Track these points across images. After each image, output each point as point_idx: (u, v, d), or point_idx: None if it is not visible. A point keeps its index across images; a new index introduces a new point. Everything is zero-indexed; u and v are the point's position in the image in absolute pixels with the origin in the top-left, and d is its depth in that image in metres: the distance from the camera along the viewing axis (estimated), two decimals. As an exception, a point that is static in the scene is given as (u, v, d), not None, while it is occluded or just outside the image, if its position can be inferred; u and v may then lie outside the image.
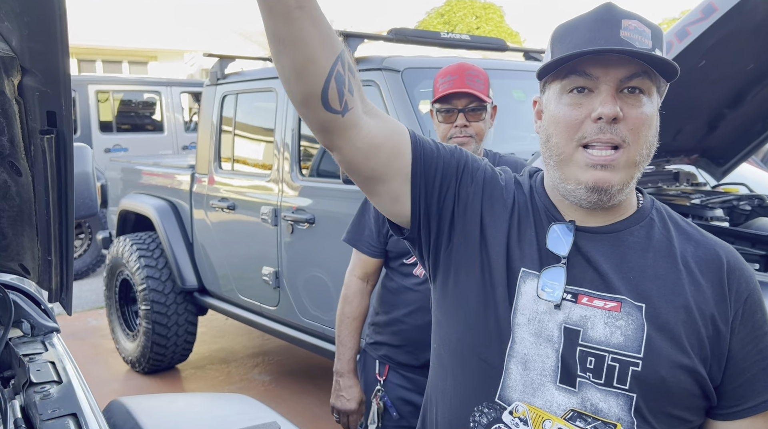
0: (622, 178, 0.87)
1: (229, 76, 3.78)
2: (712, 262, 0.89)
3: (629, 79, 0.84)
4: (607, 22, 0.84)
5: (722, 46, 2.11)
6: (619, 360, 0.86)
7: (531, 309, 0.91)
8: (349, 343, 1.83)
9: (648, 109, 0.86)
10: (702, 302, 0.87)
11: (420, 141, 0.95)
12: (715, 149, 3.02)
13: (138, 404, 1.22)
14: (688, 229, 0.94)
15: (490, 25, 18.90)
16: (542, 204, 0.96)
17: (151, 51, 17.21)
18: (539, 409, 0.88)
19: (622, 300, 0.87)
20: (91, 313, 5.36)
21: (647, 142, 0.87)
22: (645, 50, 0.82)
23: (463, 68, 1.71)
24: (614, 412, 0.86)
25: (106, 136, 7.01)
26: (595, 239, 0.91)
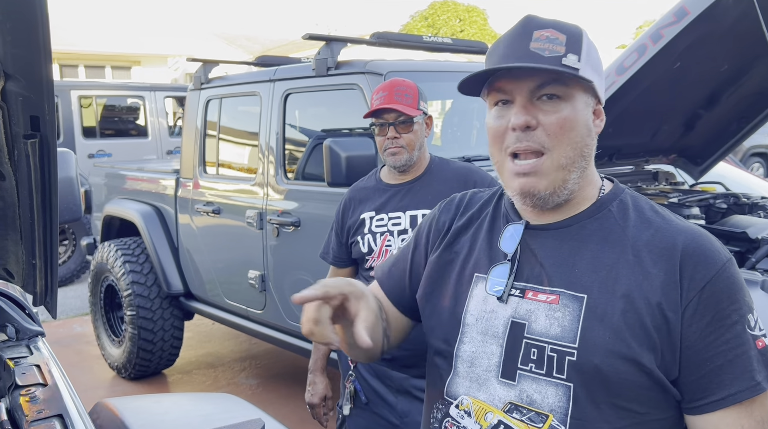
0: (550, 182, 0.90)
1: (212, 81, 3.78)
2: (665, 249, 0.87)
3: (539, 88, 0.88)
4: (520, 36, 0.89)
5: (696, 48, 2.17)
6: (557, 350, 0.88)
7: (480, 309, 0.96)
8: (319, 344, 1.97)
9: (567, 112, 0.88)
10: (648, 290, 0.86)
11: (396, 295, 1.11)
12: (693, 149, 3.08)
13: (124, 405, 1.23)
14: (651, 217, 0.92)
15: (474, 28, 19.03)
16: (504, 208, 1.02)
17: (135, 56, 17.10)
18: (482, 402, 0.93)
19: (560, 293, 0.90)
20: (76, 319, 5.32)
21: (572, 144, 0.89)
22: (553, 59, 0.86)
23: (392, 85, 1.87)
24: (548, 402, 0.88)
25: (89, 142, 6.96)
26: (544, 236, 0.95)
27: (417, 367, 1.78)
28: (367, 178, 2.01)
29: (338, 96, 3.04)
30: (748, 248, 2.06)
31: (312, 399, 2.03)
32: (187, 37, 18.81)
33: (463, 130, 3.51)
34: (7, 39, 0.76)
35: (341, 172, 2.47)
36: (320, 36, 3.06)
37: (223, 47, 19.53)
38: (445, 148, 3.37)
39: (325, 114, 3.46)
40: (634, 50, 2.01)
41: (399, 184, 1.90)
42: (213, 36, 20.73)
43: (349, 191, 2.01)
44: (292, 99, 3.25)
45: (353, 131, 3.15)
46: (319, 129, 3.42)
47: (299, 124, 3.52)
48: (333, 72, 2.96)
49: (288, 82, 3.23)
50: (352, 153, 2.48)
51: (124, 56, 16.95)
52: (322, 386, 2.03)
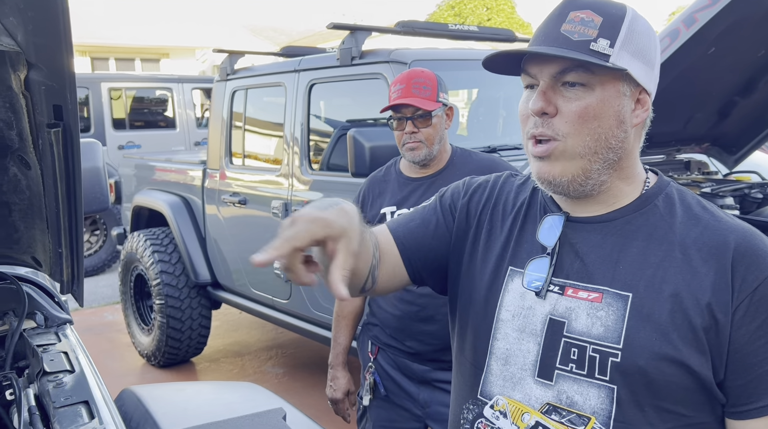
0: (564, 169, 0.87)
1: (238, 72, 3.80)
2: (716, 248, 0.83)
3: (562, 74, 0.85)
4: (556, 17, 0.86)
5: (731, 32, 2.09)
6: (599, 351, 0.85)
7: (516, 305, 0.92)
8: (339, 339, 2.00)
9: (590, 101, 0.84)
10: (698, 290, 0.82)
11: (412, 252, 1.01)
12: (727, 137, 2.98)
13: (148, 392, 1.25)
14: (700, 214, 0.88)
15: (501, 16, 18.75)
16: (542, 198, 0.98)
17: (163, 48, 17.33)
18: (518, 402, 0.89)
19: (604, 291, 0.86)
20: (107, 308, 5.44)
21: (593, 134, 0.85)
22: (582, 42, 0.82)
23: (410, 77, 1.80)
24: (590, 404, 0.84)
25: (119, 133, 7.08)
26: (587, 229, 0.90)
27: (440, 361, 1.77)
28: (385, 170, 1.96)
29: (363, 85, 3.02)
30: (785, 240, 1.99)
31: (335, 394, 2.00)
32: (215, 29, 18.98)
33: (489, 119, 3.46)
34: (29, 28, 0.77)
35: (365, 162, 2.46)
36: (344, 25, 3.05)
37: (249, 38, 19.66)
38: (471, 137, 3.33)
39: (350, 104, 3.45)
40: (666, 35, 1.94)
41: (420, 177, 1.85)
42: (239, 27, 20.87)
43: (367, 183, 1.97)
44: (317, 89, 3.25)
45: (377, 121, 3.13)
46: (344, 119, 3.41)
47: (324, 115, 3.52)
48: (357, 61, 2.95)
49: (312, 72, 3.23)
50: (375, 143, 2.46)
51: (153, 49, 17.19)
52: (344, 381, 2.00)
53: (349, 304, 2.00)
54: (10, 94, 0.86)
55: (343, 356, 2.01)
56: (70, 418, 0.98)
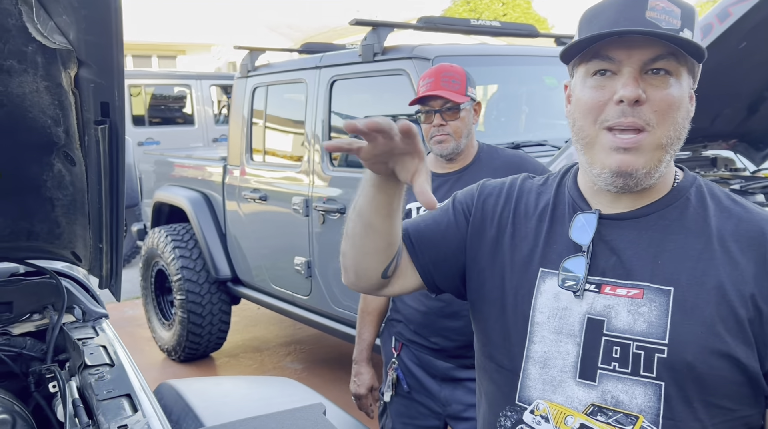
0: (648, 161, 0.85)
1: (259, 68, 3.81)
2: (754, 238, 0.84)
3: (653, 61, 0.83)
4: (634, 3, 0.83)
5: (764, 27, 2.06)
6: (643, 347, 0.84)
7: (551, 306, 0.91)
8: (364, 334, 2.01)
9: (675, 91, 0.84)
10: (740, 281, 0.82)
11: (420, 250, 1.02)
12: (755, 134, 2.94)
13: (187, 386, 1.26)
14: (730, 206, 0.89)
15: (517, 11, 18.61)
16: (570, 197, 0.96)
17: (180, 45, 17.44)
18: (560, 405, 0.88)
19: (644, 286, 0.86)
20: (128, 303, 5.50)
21: (675, 124, 0.84)
22: (670, 31, 0.81)
23: (439, 71, 1.81)
24: (637, 403, 0.84)
25: (138, 130, 7.14)
26: (621, 226, 0.90)
27: (464, 357, 1.76)
28: None
29: (385, 82, 3.02)
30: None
31: (358, 390, 2.01)
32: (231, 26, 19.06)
33: (510, 115, 3.44)
34: (81, 26, 0.78)
35: (389, 159, 2.45)
36: (367, 21, 3.04)
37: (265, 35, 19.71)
38: (489, 133, 3.32)
39: (372, 100, 3.45)
40: (698, 29, 1.92)
41: (447, 173, 1.85)
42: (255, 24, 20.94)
43: None
44: (338, 86, 3.25)
45: (400, 117, 3.13)
46: (365, 115, 3.41)
47: (345, 111, 3.52)
48: (380, 58, 2.94)
49: (334, 68, 3.23)
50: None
51: (170, 45, 17.31)
52: (369, 376, 2.00)
53: (374, 301, 2.01)
54: (59, 92, 0.87)
55: (367, 352, 2.01)
56: (114, 410, 1.00)
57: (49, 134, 0.95)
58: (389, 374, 1.92)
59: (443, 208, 1.05)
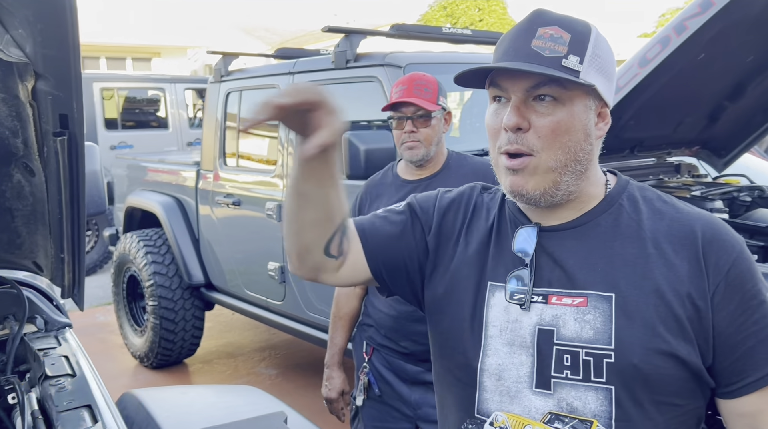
0: (538, 183, 0.88)
1: (232, 73, 3.80)
2: (685, 238, 0.87)
3: (535, 88, 0.86)
4: (525, 32, 0.87)
5: (721, 39, 2.13)
6: (592, 354, 0.86)
7: (502, 319, 0.92)
8: (336, 339, 2.03)
9: (562, 116, 0.86)
10: (676, 282, 0.85)
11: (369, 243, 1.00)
12: (717, 141, 3.03)
13: (150, 396, 1.26)
14: (662, 208, 0.91)
15: (493, 17, 18.82)
16: (510, 212, 0.98)
17: (155, 47, 17.24)
18: (518, 415, 0.90)
19: (587, 294, 0.88)
20: (99, 309, 5.42)
21: (564, 148, 0.87)
22: (553, 59, 0.84)
23: (412, 79, 1.86)
24: (590, 408, 0.86)
25: (111, 134, 7.05)
26: (560, 237, 0.92)
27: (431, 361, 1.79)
28: (382, 173, 1.99)
29: (357, 88, 3.04)
30: (773, 243, 2.03)
31: (330, 394, 2.03)
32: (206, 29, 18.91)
33: (482, 122, 3.49)
34: (38, 40, 0.78)
35: (360, 165, 2.47)
36: (339, 28, 3.06)
37: (241, 38, 19.59)
38: (463, 139, 3.36)
39: (345, 106, 3.46)
40: (657, 42, 1.98)
41: (416, 179, 1.89)
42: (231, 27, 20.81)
43: (365, 186, 2.00)
44: (311, 91, 3.25)
45: (373, 124, 3.15)
46: (338, 121, 3.42)
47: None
48: (352, 64, 2.96)
49: (307, 74, 3.24)
50: (371, 146, 2.48)
51: (145, 48, 17.10)
52: (340, 381, 2.03)
53: (346, 305, 2.03)
54: (17, 104, 0.87)
55: (339, 356, 2.04)
56: (74, 422, 1.00)
57: (7, 145, 0.95)
58: (361, 378, 1.94)
59: (398, 211, 1.05)
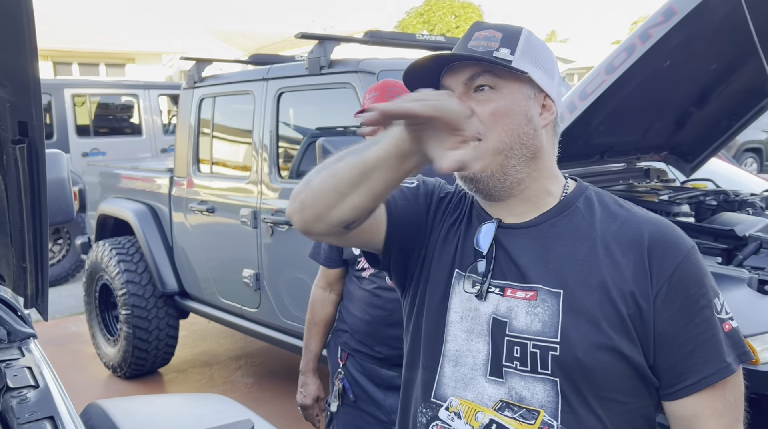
0: (486, 165, 0.92)
1: (206, 79, 3.78)
2: (633, 240, 0.90)
3: (471, 79, 0.92)
4: (464, 39, 0.96)
5: (685, 47, 2.18)
6: (539, 346, 0.89)
7: (464, 307, 0.96)
8: (310, 345, 2.03)
9: (501, 102, 0.92)
10: (620, 281, 0.88)
11: (395, 207, 1.02)
12: (684, 146, 3.10)
13: (115, 406, 1.24)
14: (616, 211, 0.96)
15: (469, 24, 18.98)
16: (477, 207, 1.03)
17: (129, 53, 17.03)
18: (471, 402, 0.93)
19: (538, 289, 0.92)
20: (71, 319, 5.32)
21: (507, 129, 0.92)
22: (485, 53, 0.91)
23: (385, 85, 1.89)
24: (538, 398, 0.89)
25: (83, 140, 6.94)
26: (517, 235, 0.96)
27: None
28: None
29: (331, 95, 3.05)
30: (736, 245, 2.08)
31: (304, 400, 2.03)
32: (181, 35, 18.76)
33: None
34: (-7, 46, 0.77)
35: (334, 171, 2.48)
36: (313, 35, 3.07)
37: (217, 44, 19.47)
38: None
39: (319, 112, 3.47)
40: (623, 50, 2.02)
41: None
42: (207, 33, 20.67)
43: None
44: (286, 97, 3.25)
45: (347, 130, 3.15)
46: (313, 127, 3.42)
47: (293, 123, 3.52)
48: (326, 71, 2.97)
49: (281, 80, 3.24)
50: (344, 152, 2.49)
51: (119, 54, 16.88)
52: (315, 387, 2.03)
53: (321, 312, 2.03)
54: (-27, 111, 0.86)
55: (313, 363, 2.04)
56: (35, 434, 0.98)
57: (-36, 153, 0.93)
58: (335, 384, 1.94)
59: (413, 188, 1.07)
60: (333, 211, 0.89)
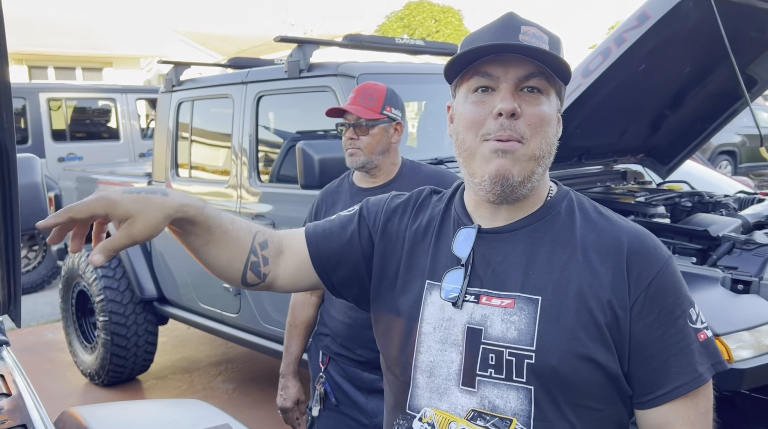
0: (522, 169, 0.90)
1: (184, 83, 3.75)
2: (612, 248, 0.90)
3: (527, 78, 0.89)
4: (508, 28, 0.90)
5: (659, 51, 2.22)
6: (515, 354, 0.88)
7: (437, 317, 0.94)
8: (291, 348, 2.02)
9: (546, 108, 0.90)
10: (598, 289, 0.88)
11: (318, 248, 1.05)
12: (660, 148, 3.15)
13: (90, 413, 1.21)
14: (596, 219, 0.95)
15: (449, 28, 19.13)
16: (455, 213, 1.00)
17: (106, 57, 16.82)
18: (445, 412, 0.92)
19: (515, 296, 0.90)
20: (47, 326, 5.22)
21: (546, 139, 0.91)
22: (537, 54, 0.87)
23: (361, 88, 1.91)
24: (510, 407, 0.88)
25: (59, 145, 6.83)
26: (497, 240, 0.95)
27: None
28: (339, 181, 2.01)
29: (311, 98, 3.04)
30: (710, 246, 2.12)
31: (285, 403, 2.02)
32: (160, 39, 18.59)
33: (437, 131, 3.53)
34: (-38, 47, 0.76)
35: (314, 174, 2.47)
36: (292, 38, 3.06)
37: (197, 48, 19.33)
38: (421, 149, 3.39)
39: (299, 116, 3.46)
40: (598, 53, 2.05)
41: (370, 187, 1.90)
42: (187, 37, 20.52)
43: (321, 193, 2.01)
44: (265, 101, 3.24)
45: (328, 133, 3.15)
46: (293, 131, 3.41)
47: (273, 126, 3.51)
48: (305, 74, 2.96)
49: (260, 84, 3.22)
50: (325, 155, 2.48)
51: (96, 57, 16.65)
52: (295, 390, 2.02)
53: (302, 314, 2.02)
54: (-59, 113, 0.84)
55: (294, 365, 2.03)
56: (7, 443, 0.96)
57: (-67, 156, 0.91)
58: (317, 388, 1.93)
59: (349, 216, 1.07)
60: (223, 278, 1.04)
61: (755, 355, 1.84)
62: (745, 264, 2.01)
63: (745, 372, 1.80)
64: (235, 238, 0.99)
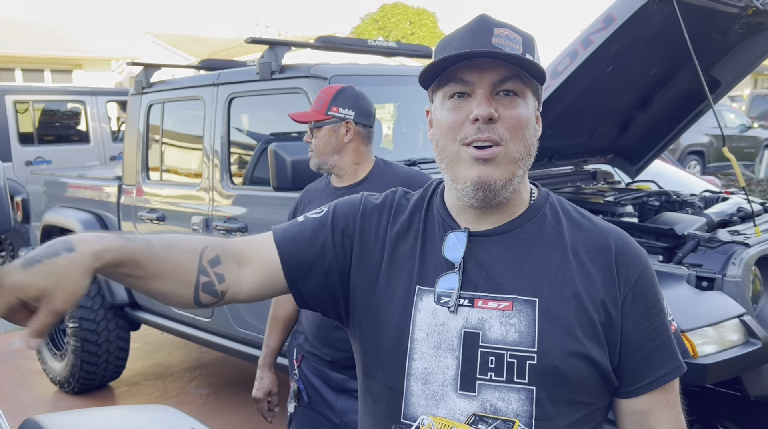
0: (503, 173, 0.90)
1: (154, 85, 3.70)
2: (601, 250, 0.93)
3: (502, 82, 0.89)
4: (480, 32, 0.90)
5: (626, 53, 2.26)
6: (516, 356, 0.89)
7: (429, 323, 0.93)
8: (269, 341, 2.05)
9: (523, 111, 0.90)
10: (592, 289, 0.90)
11: (291, 255, 1.00)
12: (628, 149, 3.21)
13: (54, 421, 1.18)
14: (579, 220, 0.97)
15: (424, 30, 19.22)
16: (439, 216, 0.99)
17: (76, 59, 16.49)
18: (444, 418, 0.91)
19: (513, 299, 0.91)
20: (15, 334, 5.09)
21: (525, 141, 0.91)
22: (508, 58, 0.87)
23: (330, 90, 1.94)
24: (512, 408, 0.88)
25: (26, 149, 6.68)
26: (488, 242, 0.94)
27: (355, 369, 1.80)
28: (319, 180, 2.04)
29: (283, 100, 3.02)
30: (676, 244, 2.16)
31: (257, 394, 2.04)
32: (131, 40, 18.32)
33: (410, 133, 3.54)
34: None
35: (287, 176, 2.46)
36: (263, 40, 3.04)
37: (169, 50, 19.09)
38: (396, 151, 3.40)
39: (271, 118, 3.44)
40: (566, 55, 2.08)
41: (343, 187, 1.91)
42: (159, 38, 20.25)
43: (302, 192, 2.05)
44: (237, 103, 3.21)
45: (301, 135, 3.14)
46: (267, 133, 3.39)
47: (246, 128, 3.48)
48: (277, 76, 2.95)
49: (232, 86, 3.20)
50: (297, 157, 2.47)
51: (65, 59, 16.31)
52: (268, 381, 2.04)
53: (282, 308, 2.03)
54: None
55: (270, 358, 2.05)
56: (-35, 453, 0.93)
57: None
58: (291, 385, 1.95)
59: (320, 219, 1.02)
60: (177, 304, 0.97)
61: (719, 350, 1.89)
62: (710, 261, 2.06)
63: (708, 367, 1.84)
64: (175, 264, 0.92)
